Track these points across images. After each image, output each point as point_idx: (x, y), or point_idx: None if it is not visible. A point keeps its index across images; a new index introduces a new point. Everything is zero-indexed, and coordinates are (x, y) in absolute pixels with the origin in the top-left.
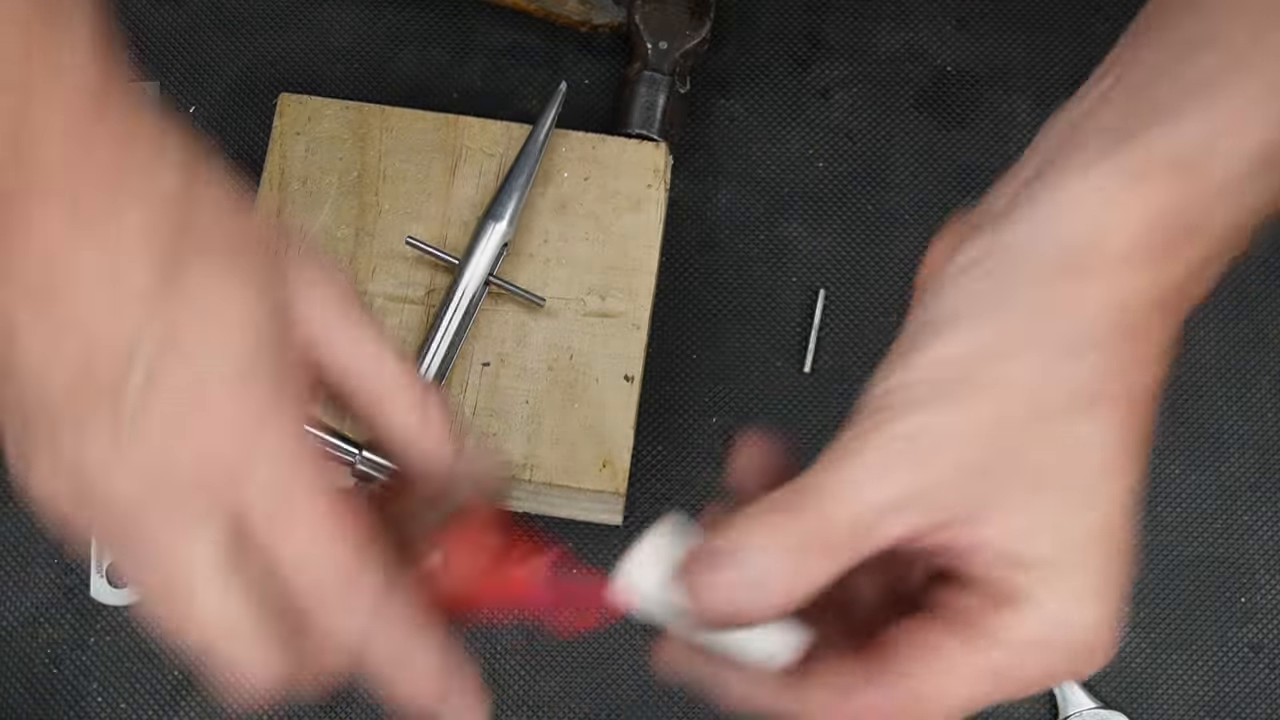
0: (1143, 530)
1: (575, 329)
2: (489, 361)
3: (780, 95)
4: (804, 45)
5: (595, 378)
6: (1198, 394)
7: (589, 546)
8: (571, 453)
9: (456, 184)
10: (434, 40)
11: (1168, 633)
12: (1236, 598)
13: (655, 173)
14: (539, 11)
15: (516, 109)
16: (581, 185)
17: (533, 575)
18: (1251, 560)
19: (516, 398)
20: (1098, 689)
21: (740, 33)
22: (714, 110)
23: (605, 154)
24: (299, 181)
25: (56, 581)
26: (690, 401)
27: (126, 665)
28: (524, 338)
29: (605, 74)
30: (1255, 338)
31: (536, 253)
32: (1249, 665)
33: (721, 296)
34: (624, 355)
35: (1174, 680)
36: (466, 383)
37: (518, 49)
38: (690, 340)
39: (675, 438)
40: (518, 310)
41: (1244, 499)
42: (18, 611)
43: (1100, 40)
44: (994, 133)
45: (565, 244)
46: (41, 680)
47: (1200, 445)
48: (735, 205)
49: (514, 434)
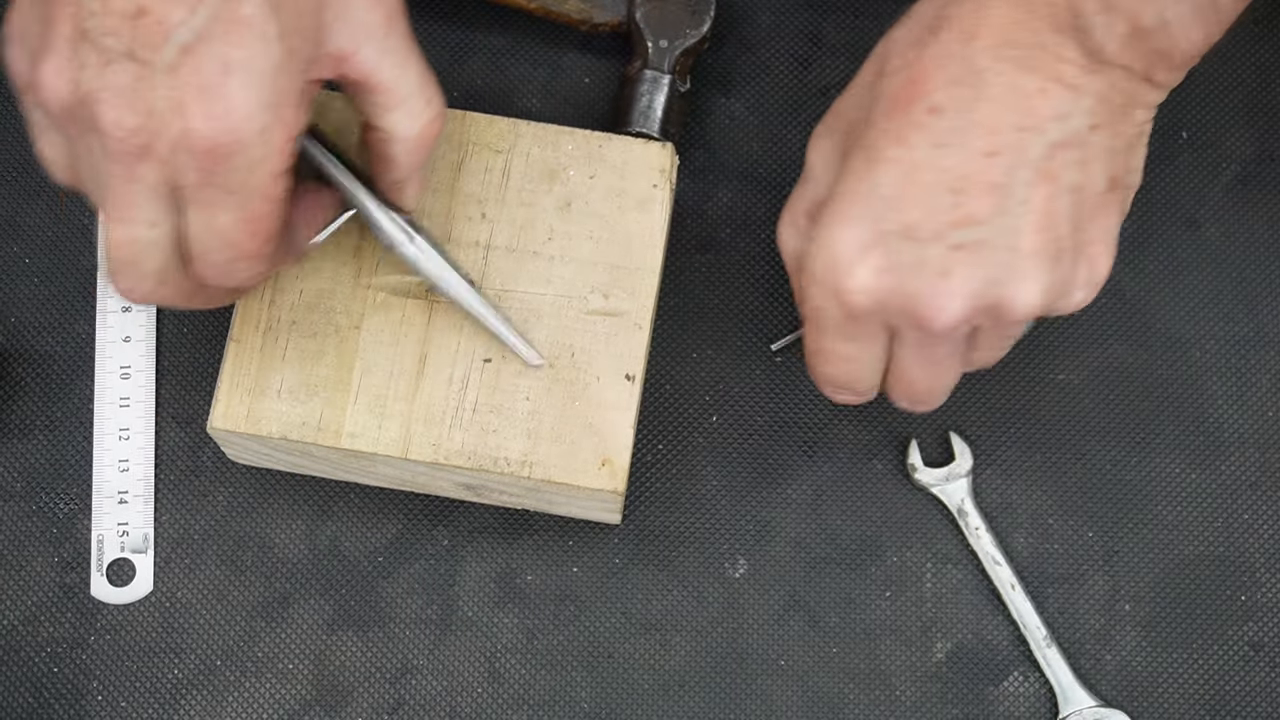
0: (1142, 529)
1: (577, 327)
2: (490, 358)
3: (781, 94)
4: (805, 44)
5: (596, 376)
6: (1198, 393)
7: (588, 545)
8: (571, 451)
9: (462, 179)
10: (434, 40)
11: (1168, 631)
12: (1237, 596)
13: (661, 172)
14: (539, 10)
15: (517, 108)
16: (587, 184)
17: None
18: (1252, 559)
19: (517, 395)
20: (1098, 688)
21: (741, 31)
22: (714, 109)
23: (611, 153)
24: None
25: (56, 581)
26: (690, 401)
27: (126, 665)
28: (526, 335)
29: (606, 72)
30: (1255, 337)
31: (540, 250)
32: (1249, 664)
33: (721, 296)
34: (625, 354)
35: (1174, 679)
36: (467, 379)
37: (518, 48)
38: (690, 340)
39: (675, 437)
40: (520, 307)
41: (1244, 497)
42: (18, 611)
43: None
44: None
45: (569, 242)
46: (41, 680)
47: (1200, 444)
48: (736, 204)
49: (514, 431)
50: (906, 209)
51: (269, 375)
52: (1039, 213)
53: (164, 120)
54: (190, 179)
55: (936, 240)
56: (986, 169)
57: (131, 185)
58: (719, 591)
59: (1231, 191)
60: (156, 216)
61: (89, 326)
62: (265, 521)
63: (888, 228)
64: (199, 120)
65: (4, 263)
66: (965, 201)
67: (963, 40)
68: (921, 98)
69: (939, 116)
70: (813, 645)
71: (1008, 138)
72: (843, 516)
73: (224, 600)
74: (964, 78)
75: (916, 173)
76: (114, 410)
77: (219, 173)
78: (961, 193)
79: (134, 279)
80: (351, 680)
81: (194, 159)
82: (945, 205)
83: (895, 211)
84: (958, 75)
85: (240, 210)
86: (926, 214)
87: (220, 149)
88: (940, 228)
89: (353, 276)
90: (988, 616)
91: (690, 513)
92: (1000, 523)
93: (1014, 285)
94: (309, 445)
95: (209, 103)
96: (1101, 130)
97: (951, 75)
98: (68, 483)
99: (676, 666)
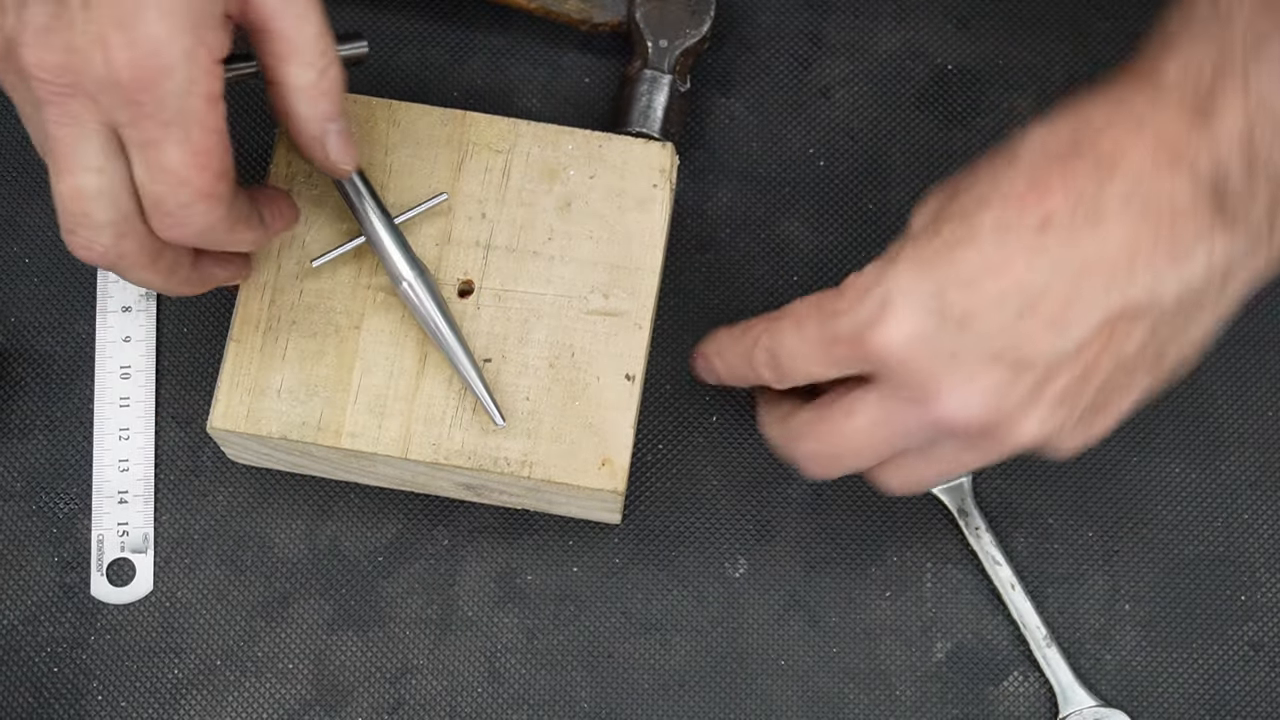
0: (1142, 528)
1: (577, 327)
2: (490, 358)
3: (781, 94)
4: (805, 44)
5: (596, 376)
6: (1197, 393)
7: (588, 545)
8: (571, 450)
9: (462, 179)
10: (434, 39)
11: (1168, 631)
12: (1237, 596)
13: (661, 172)
14: (539, 10)
15: (517, 108)
16: (587, 184)
17: None
18: (1252, 558)
19: (517, 395)
20: (1098, 688)
21: (741, 31)
22: (714, 109)
23: (611, 153)
24: (304, 176)
25: (56, 581)
26: (690, 401)
27: (126, 665)
28: (525, 335)
29: (605, 72)
30: (1255, 337)
31: (540, 250)
32: (1249, 663)
33: (721, 296)
34: (625, 354)
35: (1174, 679)
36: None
37: (518, 48)
38: (690, 340)
39: (675, 437)
40: (520, 307)
41: (1244, 497)
42: (18, 611)
43: (1101, 39)
44: (995, 131)
45: (569, 241)
46: (41, 680)
47: (1200, 443)
48: (736, 204)
49: (514, 431)
50: (974, 297)
51: (269, 375)
52: (1080, 365)
53: (86, 56)
54: (124, 116)
55: (982, 341)
56: (1061, 306)
57: (67, 129)
58: (719, 591)
59: None
60: (100, 162)
61: (89, 326)
62: (265, 521)
63: (948, 304)
64: (120, 50)
65: (4, 263)
66: (1026, 322)
67: (1101, 172)
68: (1040, 204)
69: (1048, 232)
70: (813, 645)
71: (1095, 287)
72: (843, 516)
73: (224, 600)
74: (1087, 206)
75: (1001, 272)
76: (114, 410)
77: (149, 103)
78: (1027, 313)
79: (89, 233)
80: (351, 680)
81: (122, 91)
82: (1009, 315)
83: (964, 294)
84: (1082, 201)
85: (182, 143)
86: (988, 312)
87: (145, 77)
88: (993, 332)
89: (353, 276)
90: (988, 616)
91: (690, 513)
92: (1000, 523)
93: (1022, 417)
94: (309, 445)
95: (128, 31)
96: (1186, 308)
97: (1077, 197)
98: (68, 483)
99: (676, 666)
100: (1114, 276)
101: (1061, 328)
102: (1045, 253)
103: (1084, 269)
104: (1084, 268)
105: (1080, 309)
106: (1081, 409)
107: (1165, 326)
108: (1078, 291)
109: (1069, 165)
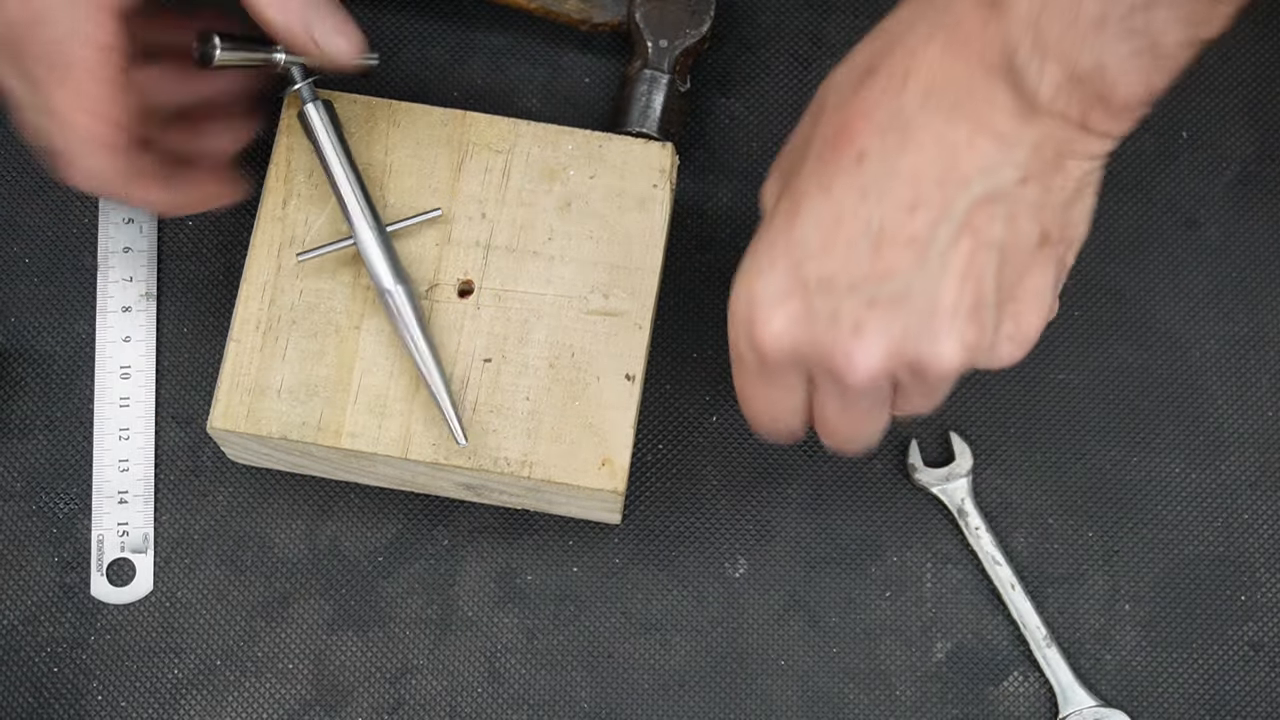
0: (1142, 528)
1: (577, 327)
2: (490, 358)
3: (781, 93)
4: (805, 43)
5: (596, 376)
6: (1197, 392)
7: (588, 545)
8: (571, 451)
9: (462, 179)
10: (434, 39)
11: (1168, 631)
12: (1237, 596)
13: (661, 173)
14: (539, 10)
15: (517, 108)
16: (587, 184)
17: None
18: (1252, 558)
19: (517, 395)
20: (1098, 687)
21: (741, 31)
22: (714, 108)
23: (611, 153)
24: (304, 174)
25: (56, 581)
26: (690, 401)
27: (126, 665)
28: (525, 335)
29: (605, 72)
30: (1255, 337)
31: (540, 250)
32: (1249, 663)
33: (721, 296)
34: (625, 354)
35: (1174, 679)
36: (467, 379)
37: (518, 48)
38: (690, 340)
39: (675, 437)
40: (520, 307)
41: (1244, 497)
42: (18, 611)
43: None
44: None
45: (569, 241)
46: (41, 680)
47: (1200, 443)
48: (736, 204)
49: (514, 431)
50: (826, 259)
51: (269, 375)
52: (959, 269)
53: None
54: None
55: (853, 293)
56: (907, 222)
57: None
58: (719, 591)
59: (1231, 191)
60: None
61: (89, 326)
62: (265, 521)
63: (807, 277)
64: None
65: (4, 263)
66: (884, 255)
67: (894, 86)
68: (850, 144)
69: (865, 164)
70: (813, 645)
71: (930, 190)
72: (843, 516)
73: (224, 600)
74: (892, 125)
75: (839, 222)
76: (114, 410)
77: (33, 49)
78: (880, 245)
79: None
80: (351, 680)
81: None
82: (864, 257)
83: (815, 261)
84: (886, 122)
85: (64, 85)
86: (845, 265)
87: (21, 23)
88: (857, 280)
89: (353, 276)
90: (988, 616)
91: (690, 513)
92: (1000, 523)
93: (932, 342)
94: (309, 445)
95: None
96: (1032, 183)
97: (880, 122)
98: (68, 483)
99: (676, 666)
100: (945, 175)
101: (919, 242)
102: (870, 182)
103: (913, 179)
104: (912, 178)
105: (925, 217)
106: (989, 308)
107: (1023, 204)
108: (917, 202)
109: (866, 89)
